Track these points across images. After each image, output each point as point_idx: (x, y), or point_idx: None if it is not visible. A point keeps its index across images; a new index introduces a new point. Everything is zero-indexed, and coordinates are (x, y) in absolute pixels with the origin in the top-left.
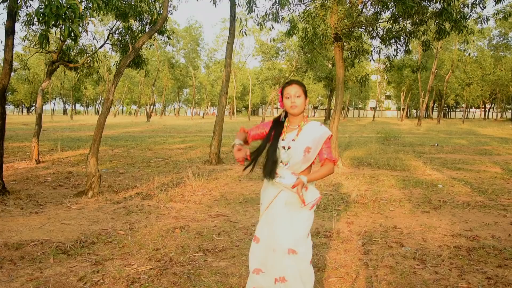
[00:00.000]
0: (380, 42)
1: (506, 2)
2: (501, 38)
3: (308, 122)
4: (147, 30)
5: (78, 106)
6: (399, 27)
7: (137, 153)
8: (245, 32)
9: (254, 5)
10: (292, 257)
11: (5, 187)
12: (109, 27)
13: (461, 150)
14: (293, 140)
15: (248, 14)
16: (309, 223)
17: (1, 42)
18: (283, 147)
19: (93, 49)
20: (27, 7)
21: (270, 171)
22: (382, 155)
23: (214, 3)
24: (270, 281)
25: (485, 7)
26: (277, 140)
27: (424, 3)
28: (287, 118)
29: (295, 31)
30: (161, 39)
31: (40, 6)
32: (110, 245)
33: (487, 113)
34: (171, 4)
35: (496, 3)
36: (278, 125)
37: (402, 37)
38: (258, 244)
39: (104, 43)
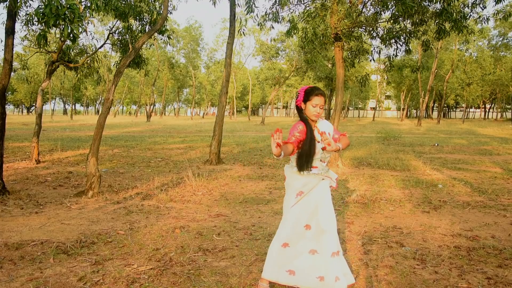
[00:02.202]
0: (380, 42)
1: (506, 2)
2: (501, 38)
3: (318, 121)
4: (147, 30)
5: (78, 106)
6: (399, 27)
7: (137, 153)
8: (243, 32)
9: (253, 5)
10: (336, 235)
11: (5, 187)
12: (109, 27)
13: (461, 150)
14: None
15: (247, 14)
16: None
17: (1, 41)
18: (317, 141)
19: (93, 49)
20: (27, 7)
21: (309, 163)
22: (382, 155)
23: (214, 3)
24: (326, 257)
25: (485, 7)
26: (314, 138)
27: (424, 3)
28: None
29: (295, 31)
30: (161, 39)
31: (40, 6)
32: (110, 245)
33: (487, 113)
34: (171, 4)
35: (496, 3)
36: (309, 125)
37: (402, 37)
38: (311, 230)
39: (104, 43)
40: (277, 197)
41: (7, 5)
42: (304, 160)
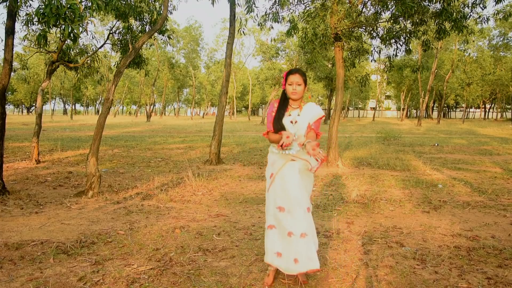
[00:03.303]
0: (380, 42)
1: (506, 2)
2: (501, 38)
3: (306, 103)
4: (147, 30)
5: (78, 106)
6: (399, 27)
7: (137, 153)
8: (243, 32)
9: (253, 5)
10: (308, 214)
11: (5, 187)
12: (109, 27)
13: (461, 150)
14: (298, 115)
15: (247, 14)
16: (312, 185)
17: (2, 40)
18: (291, 122)
19: (93, 49)
20: (27, 7)
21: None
22: (382, 155)
23: (213, 3)
24: (296, 238)
25: (485, 7)
26: (283, 114)
27: (424, 3)
28: (289, 99)
29: (295, 31)
30: (161, 39)
31: (40, 6)
32: (110, 245)
33: (487, 113)
34: (171, 4)
35: (496, 3)
36: (284, 101)
37: (402, 37)
38: (284, 212)
39: (104, 43)
40: None
41: (7, 5)
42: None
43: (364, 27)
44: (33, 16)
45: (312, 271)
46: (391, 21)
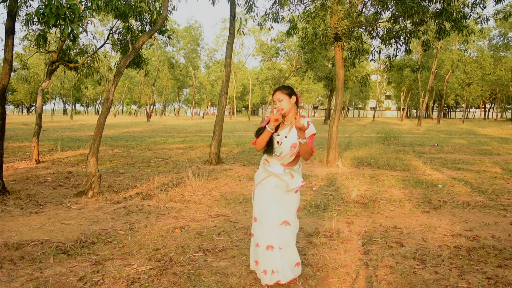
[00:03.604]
0: (380, 42)
1: (506, 2)
2: (501, 38)
3: (298, 119)
4: (147, 30)
5: (78, 106)
6: (399, 27)
7: (137, 153)
8: (243, 32)
9: (253, 5)
10: (282, 228)
11: (5, 187)
12: (109, 27)
13: (461, 150)
14: (285, 137)
15: (247, 13)
16: (297, 203)
17: (2, 40)
18: (277, 142)
19: (93, 49)
20: (27, 7)
21: (266, 152)
22: (382, 155)
23: (213, 3)
24: (263, 249)
25: (485, 7)
26: (273, 133)
27: (424, 3)
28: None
29: (295, 31)
30: (161, 39)
31: (40, 6)
32: (110, 245)
33: (487, 113)
34: (171, 4)
35: (496, 3)
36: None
37: (402, 37)
38: (256, 223)
39: (104, 43)
40: None
41: (7, 5)
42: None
43: (364, 27)
44: (33, 16)
45: (276, 282)
46: (391, 21)
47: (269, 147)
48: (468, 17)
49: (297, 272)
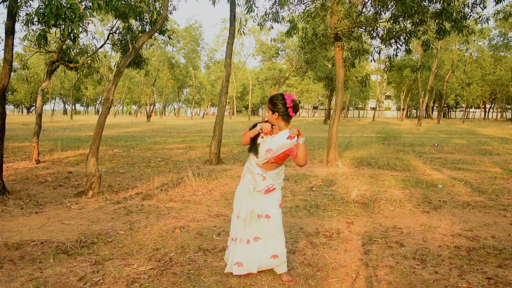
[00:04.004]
0: (380, 42)
1: (506, 2)
2: (501, 38)
3: (284, 130)
4: (147, 30)
5: (78, 106)
6: (399, 27)
7: (137, 153)
8: (243, 31)
9: (253, 5)
10: (264, 220)
11: (5, 187)
12: (109, 27)
13: (461, 150)
14: (265, 142)
15: (247, 13)
16: (275, 200)
17: (2, 40)
18: (258, 143)
19: (93, 49)
20: (27, 7)
21: (251, 149)
22: (382, 155)
23: (213, 3)
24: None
25: (485, 7)
26: (258, 134)
27: (424, 3)
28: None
29: (295, 31)
30: (161, 39)
31: (40, 6)
32: (110, 245)
33: (487, 113)
34: (171, 4)
35: (496, 3)
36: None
37: (402, 37)
38: (233, 214)
39: (104, 43)
40: None
41: (7, 5)
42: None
43: (364, 27)
44: (33, 16)
45: (228, 272)
46: (391, 21)
47: (253, 146)
48: (468, 17)
49: (272, 264)
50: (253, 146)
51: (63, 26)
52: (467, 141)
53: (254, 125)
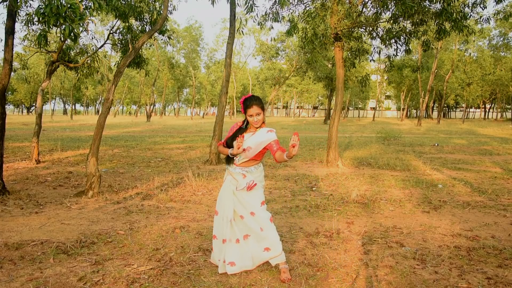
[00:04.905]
0: (380, 42)
1: (506, 2)
2: (501, 38)
3: (262, 128)
4: (147, 30)
5: (78, 106)
6: (399, 27)
7: (137, 153)
8: (243, 32)
9: (253, 4)
10: (249, 217)
11: (5, 187)
12: (109, 27)
13: (461, 150)
14: (246, 140)
15: (247, 13)
16: (258, 198)
17: (2, 40)
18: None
19: (93, 49)
20: (27, 7)
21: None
22: (382, 155)
23: (212, 3)
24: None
25: (486, 7)
26: (240, 133)
27: (424, 3)
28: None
29: (295, 31)
30: (161, 39)
31: (40, 6)
32: (110, 245)
33: (487, 113)
34: (171, 4)
35: (497, 3)
36: (239, 130)
37: (402, 37)
38: (217, 216)
39: (105, 43)
40: (277, 197)
41: (7, 5)
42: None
43: (364, 27)
44: (33, 16)
45: (222, 272)
46: (391, 21)
47: (230, 158)
48: (468, 17)
49: (265, 257)
50: (230, 158)
51: (63, 26)
52: (467, 141)
53: (230, 139)
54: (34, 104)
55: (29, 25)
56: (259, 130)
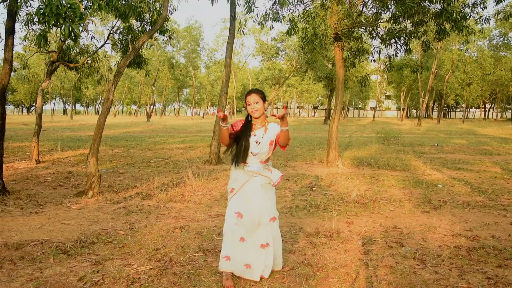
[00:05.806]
0: (380, 42)
1: (506, 2)
2: (501, 38)
3: (270, 122)
4: (147, 30)
5: (78, 106)
6: (399, 27)
7: (137, 153)
8: (243, 32)
9: (253, 4)
10: (273, 223)
11: (5, 187)
12: (110, 27)
13: (461, 150)
14: (263, 137)
15: (247, 13)
16: (275, 196)
17: (2, 40)
18: (256, 142)
19: (94, 49)
20: (27, 7)
21: (242, 157)
22: (382, 155)
23: (212, 2)
24: (255, 248)
25: (486, 7)
26: (248, 134)
27: (424, 3)
28: (253, 118)
29: (295, 31)
30: (162, 39)
31: (40, 6)
32: (110, 245)
33: (487, 113)
34: (171, 4)
35: (497, 3)
36: (248, 123)
37: (402, 37)
38: (242, 219)
39: (105, 43)
40: (277, 197)
41: (7, 5)
42: (235, 154)
43: (364, 27)
44: (33, 16)
45: (261, 275)
46: (391, 21)
47: (244, 152)
48: (468, 17)
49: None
50: (246, 151)
51: (63, 26)
52: (467, 141)
53: (244, 147)
54: (34, 104)
55: (29, 25)
56: (270, 124)
